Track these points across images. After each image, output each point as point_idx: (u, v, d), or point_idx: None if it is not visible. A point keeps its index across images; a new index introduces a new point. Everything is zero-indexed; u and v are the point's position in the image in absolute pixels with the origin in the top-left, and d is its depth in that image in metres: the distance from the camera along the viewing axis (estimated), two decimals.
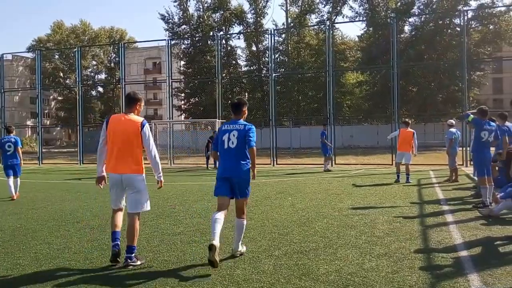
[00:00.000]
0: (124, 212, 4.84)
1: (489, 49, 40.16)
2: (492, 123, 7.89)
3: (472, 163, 8.51)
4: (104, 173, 4.80)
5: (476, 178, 9.17)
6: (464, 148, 17.42)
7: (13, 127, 10.93)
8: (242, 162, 4.73)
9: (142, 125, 4.67)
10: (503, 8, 38.07)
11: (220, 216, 4.61)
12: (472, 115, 7.79)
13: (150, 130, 4.83)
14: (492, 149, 8.58)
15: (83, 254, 5.07)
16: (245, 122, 4.89)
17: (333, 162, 20.14)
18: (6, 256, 5.05)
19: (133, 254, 4.57)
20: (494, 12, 38.42)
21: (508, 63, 54.75)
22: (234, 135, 4.74)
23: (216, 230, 4.45)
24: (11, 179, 10.05)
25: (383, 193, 10.04)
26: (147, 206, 4.75)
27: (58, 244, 5.59)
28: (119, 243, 4.61)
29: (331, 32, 22.71)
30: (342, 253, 4.92)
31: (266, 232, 6.05)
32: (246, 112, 5.04)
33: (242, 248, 4.88)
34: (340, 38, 51.60)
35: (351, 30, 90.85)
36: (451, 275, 4.10)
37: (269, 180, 13.80)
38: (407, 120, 13.13)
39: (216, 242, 4.33)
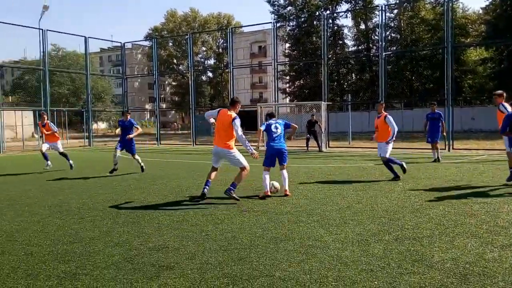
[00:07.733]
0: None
1: None
2: None
3: None
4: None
5: None
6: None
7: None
8: None
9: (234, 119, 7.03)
10: None
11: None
12: None
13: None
14: None
15: (199, 226, 5.51)
16: None
17: (451, 147, 18.63)
18: (133, 225, 5.69)
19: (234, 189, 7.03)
20: None
21: None
22: None
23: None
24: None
25: None
26: (243, 164, 7.17)
27: (177, 215, 6.15)
28: (208, 188, 7.31)
29: (451, 4, 20.61)
30: (460, 242, 4.56)
31: (375, 216, 5.87)
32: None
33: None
34: (461, 11, 46.76)
35: (473, 1, 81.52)
36: None
37: (378, 165, 13.27)
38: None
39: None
